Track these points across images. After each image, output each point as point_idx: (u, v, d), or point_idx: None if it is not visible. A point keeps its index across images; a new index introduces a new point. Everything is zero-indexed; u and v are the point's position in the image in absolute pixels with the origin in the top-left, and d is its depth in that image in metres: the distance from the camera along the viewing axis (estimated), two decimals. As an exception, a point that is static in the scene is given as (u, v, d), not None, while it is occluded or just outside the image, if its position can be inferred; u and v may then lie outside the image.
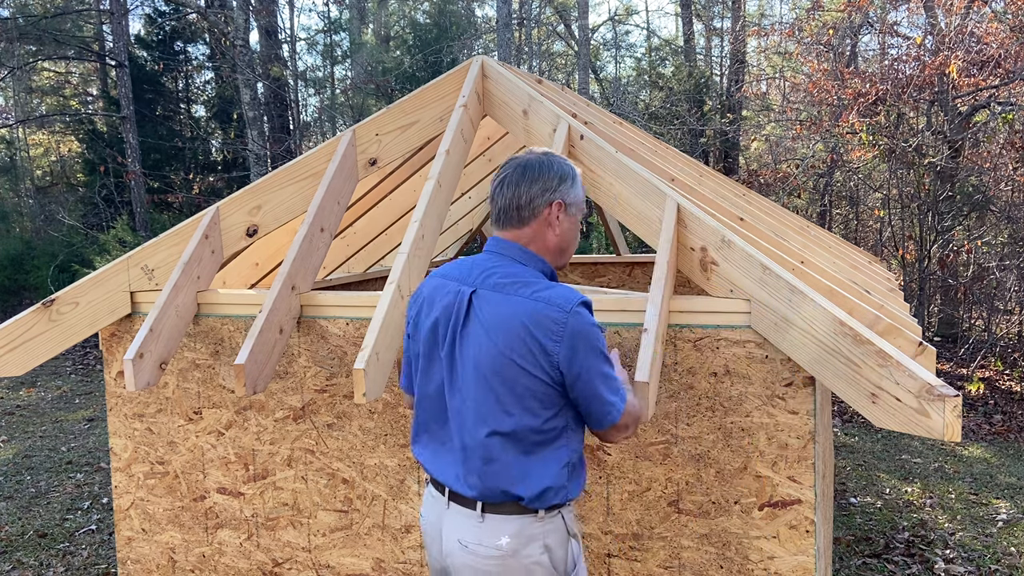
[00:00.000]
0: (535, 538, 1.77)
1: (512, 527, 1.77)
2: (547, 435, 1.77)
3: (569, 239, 1.91)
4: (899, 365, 1.96)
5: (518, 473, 1.76)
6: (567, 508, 1.84)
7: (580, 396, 1.76)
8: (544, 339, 1.72)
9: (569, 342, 1.72)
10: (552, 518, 1.80)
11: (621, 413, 1.77)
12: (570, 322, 1.72)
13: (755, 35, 12.24)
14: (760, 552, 2.35)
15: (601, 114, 4.21)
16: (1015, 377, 8.13)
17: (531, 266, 1.85)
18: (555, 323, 1.72)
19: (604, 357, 1.77)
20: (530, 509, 1.77)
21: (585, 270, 5.86)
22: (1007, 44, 8.12)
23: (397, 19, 17.16)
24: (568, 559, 1.82)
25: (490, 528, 1.78)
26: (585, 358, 1.73)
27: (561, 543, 1.81)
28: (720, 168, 13.48)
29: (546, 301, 1.74)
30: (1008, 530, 4.57)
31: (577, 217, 1.91)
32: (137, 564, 3.19)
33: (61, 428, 7.10)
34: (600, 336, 1.77)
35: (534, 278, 1.81)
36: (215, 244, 3.05)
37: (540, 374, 1.73)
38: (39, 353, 3.04)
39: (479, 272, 1.84)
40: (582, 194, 1.92)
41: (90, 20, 14.97)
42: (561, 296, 1.75)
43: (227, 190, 13.59)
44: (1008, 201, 8.99)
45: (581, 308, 1.75)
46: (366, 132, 3.14)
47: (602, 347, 1.76)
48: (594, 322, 1.77)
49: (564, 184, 1.87)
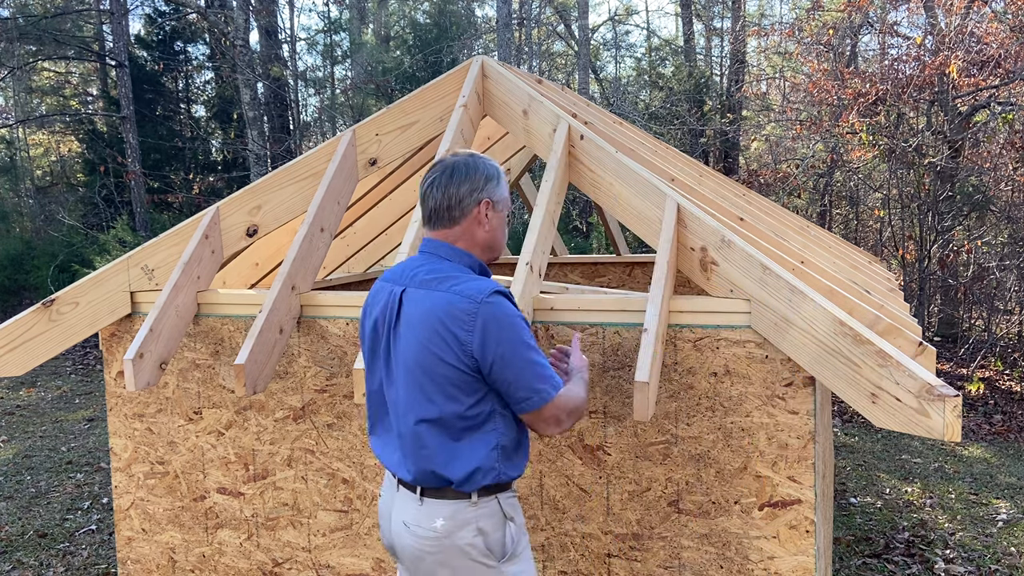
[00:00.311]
0: (468, 522, 1.86)
1: (447, 510, 1.87)
2: (473, 420, 1.85)
3: (498, 235, 2.01)
4: (899, 365, 1.96)
5: (447, 457, 1.86)
6: (505, 494, 1.91)
7: (498, 382, 1.83)
8: (457, 329, 1.81)
9: (481, 331, 1.79)
10: (487, 502, 1.88)
11: (546, 402, 1.82)
12: (481, 311, 1.80)
13: (755, 35, 12.24)
14: (760, 552, 2.35)
15: (601, 114, 4.21)
16: (1015, 377, 8.13)
17: (457, 262, 1.94)
18: (466, 313, 1.81)
19: (524, 345, 1.82)
20: (464, 494, 1.86)
21: (585, 270, 5.86)
22: (1007, 44, 8.12)
23: (397, 19, 17.16)
24: (505, 542, 1.89)
25: (427, 511, 1.88)
26: (498, 346, 1.79)
27: (496, 527, 1.88)
28: (720, 168, 13.48)
29: (459, 293, 1.83)
30: (1008, 530, 4.57)
31: (504, 214, 2.02)
32: (137, 564, 3.19)
33: (61, 428, 7.10)
34: (518, 324, 1.82)
35: (457, 272, 1.90)
36: (215, 244, 3.05)
37: (457, 363, 1.82)
38: (39, 353, 3.04)
39: (410, 272, 1.96)
40: (507, 192, 2.02)
41: (90, 20, 14.97)
42: (474, 288, 1.83)
43: (227, 190, 13.59)
44: (1008, 201, 8.99)
45: (493, 298, 1.82)
46: (366, 132, 3.14)
47: (521, 335, 1.81)
48: (511, 311, 1.82)
49: (490, 184, 1.97)
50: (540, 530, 2.60)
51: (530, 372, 1.81)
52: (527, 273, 2.47)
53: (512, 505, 1.93)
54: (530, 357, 1.82)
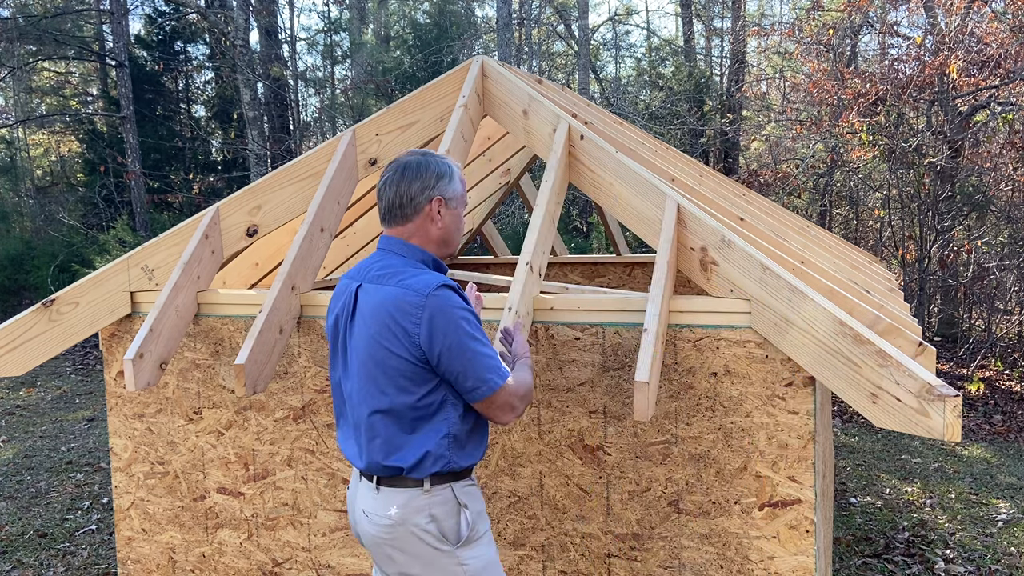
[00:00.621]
0: (422, 509, 1.92)
1: (401, 498, 1.93)
2: (425, 410, 1.91)
3: (451, 231, 2.04)
4: (899, 365, 1.96)
5: (399, 446, 1.93)
6: (461, 482, 1.97)
7: (447, 373, 1.88)
8: (405, 322, 1.87)
9: (428, 323, 1.85)
10: (440, 490, 1.93)
11: (494, 390, 1.88)
12: (428, 304, 1.85)
13: (755, 35, 12.24)
14: (760, 552, 2.35)
15: (601, 114, 4.21)
16: (1015, 377, 8.13)
17: (410, 257, 2.00)
18: (414, 306, 1.86)
19: (470, 336, 1.87)
20: (417, 481, 1.92)
21: (585, 270, 5.86)
22: (1007, 44, 8.12)
23: (397, 19, 17.16)
24: (460, 528, 1.95)
25: (383, 499, 1.95)
26: (445, 337, 1.85)
27: (450, 513, 1.94)
28: (720, 168, 13.48)
29: (408, 287, 1.89)
30: (1008, 530, 4.57)
31: (459, 210, 2.05)
32: (137, 564, 3.19)
33: (61, 428, 7.10)
34: (464, 316, 1.87)
35: (409, 267, 1.96)
36: (215, 244, 3.05)
37: (405, 355, 1.87)
38: (39, 353, 3.04)
39: (366, 268, 2.03)
40: (460, 188, 2.04)
41: (90, 20, 14.97)
42: (422, 281, 1.89)
43: (227, 190, 13.59)
44: (1008, 201, 8.99)
45: (440, 291, 1.87)
46: (366, 132, 3.14)
47: (466, 327, 1.87)
48: (457, 304, 1.88)
49: (442, 181, 2.01)
50: (540, 530, 2.60)
51: (477, 363, 1.86)
52: (527, 273, 2.47)
53: (468, 493, 1.99)
54: (476, 348, 1.87)
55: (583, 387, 2.51)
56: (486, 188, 5.52)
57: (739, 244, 2.31)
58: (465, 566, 1.94)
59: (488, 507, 2.65)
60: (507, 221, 12.34)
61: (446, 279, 1.91)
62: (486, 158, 4.88)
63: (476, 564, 1.95)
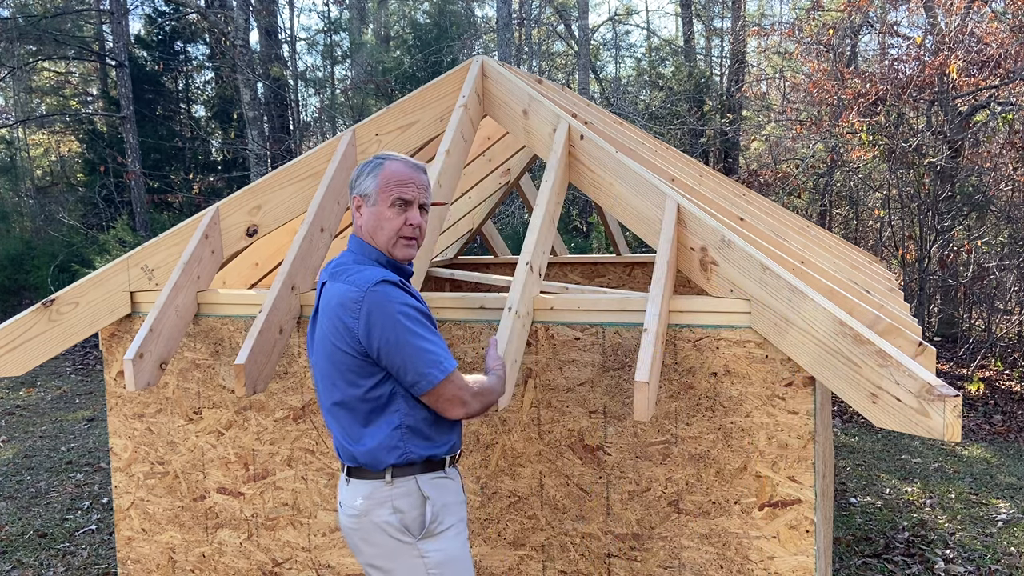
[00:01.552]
0: (385, 501, 1.96)
1: (365, 490, 1.98)
2: (375, 403, 1.95)
3: (371, 227, 2.04)
4: (899, 365, 1.96)
5: (355, 438, 1.98)
6: (427, 475, 1.99)
7: (389, 367, 1.91)
8: (346, 317, 1.91)
9: (366, 318, 1.88)
10: (403, 482, 1.97)
11: (434, 384, 1.89)
12: (367, 299, 1.89)
13: (755, 35, 12.24)
14: (760, 552, 2.35)
15: (601, 114, 4.21)
16: (1015, 377, 8.13)
17: (360, 254, 2.05)
18: (354, 301, 1.90)
19: (409, 331, 1.88)
20: (379, 474, 1.96)
21: (585, 270, 5.86)
22: (1007, 44, 8.12)
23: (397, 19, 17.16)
24: (424, 520, 1.97)
25: (352, 490, 2.01)
26: (383, 332, 1.88)
27: (414, 506, 1.96)
28: (720, 168, 13.48)
29: (351, 282, 1.93)
30: (1008, 530, 4.57)
31: (379, 207, 2.02)
32: (137, 564, 3.19)
33: (61, 428, 7.10)
34: (403, 311, 1.89)
35: (357, 264, 2.00)
36: (215, 244, 3.05)
37: (348, 349, 1.92)
38: (39, 353, 3.04)
39: (333, 264, 2.08)
40: (373, 184, 2.03)
41: (90, 20, 14.96)
42: (364, 277, 1.92)
43: (227, 190, 13.59)
44: (1008, 201, 8.99)
45: (379, 286, 1.90)
46: (366, 132, 3.14)
47: (406, 321, 1.88)
48: (397, 299, 1.90)
49: (359, 179, 2.06)
50: (540, 530, 2.60)
51: (416, 357, 1.88)
52: (527, 273, 2.47)
53: (437, 485, 2.00)
54: (414, 343, 1.88)
55: (583, 387, 2.51)
56: (486, 188, 5.52)
57: (739, 244, 2.31)
58: (425, 559, 1.96)
59: (488, 507, 2.65)
60: (507, 221, 12.34)
61: (388, 275, 1.93)
62: (486, 158, 4.88)
63: (437, 557, 1.97)
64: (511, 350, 2.30)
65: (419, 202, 2.05)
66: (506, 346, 2.26)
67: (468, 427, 2.65)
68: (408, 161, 2.07)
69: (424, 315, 1.95)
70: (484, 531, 2.66)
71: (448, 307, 2.64)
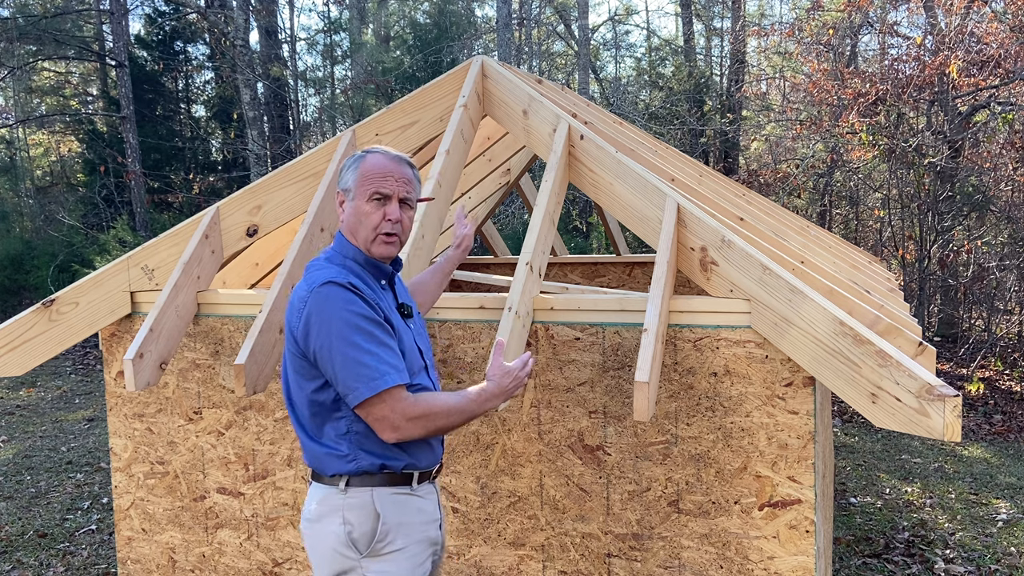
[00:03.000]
0: (336, 509, 1.84)
1: (320, 494, 1.88)
2: (321, 406, 1.85)
3: (353, 223, 1.92)
4: (899, 365, 1.96)
5: (304, 441, 1.90)
6: (386, 489, 1.85)
7: (324, 373, 1.81)
8: (292, 316, 1.84)
9: (305, 320, 1.80)
10: (358, 493, 1.84)
11: (359, 401, 1.75)
12: (310, 300, 1.80)
13: (755, 35, 12.24)
14: (760, 552, 2.35)
15: (601, 114, 4.21)
16: (1015, 377, 8.13)
17: (338, 252, 1.94)
18: (300, 301, 1.83)
19: (345, 340, 1.76)
20: (332, 480, 1.86)
21: (585, 270, 5.86)
22: (1007, 44, 8.12)
23: (397, 19, 17.16)
24: (374, 538, 1.83)
25: (311, 493, 1.92)
26: (318, 337, 1.78)
27: (364, 520, 1.83)
28: (720, 168, 13.48)
29: (306, 280, 1.86)
30: (1008, 530, 4.57)
31: (358, 201, 1.91)
32: (137, 564, 3.19)
33: (61, 428, 7.10)
34: (344, 316, 1.76)
35: (327, 263, 1.90)
36: (215, 244, 3.05)
37: (294, 349, 1.85)
38: (39, 353, 3.04)
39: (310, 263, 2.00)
40: (353, 179, 1.92)
41: (90, 20, 14.97)
42: (315, 277, 1.83)
43: (227, 190, 13.59)
44: (1008, 201, 8.99)
45: (324, 288, 1.79)
46: (366, 132, 3.14)
47: (344, 328, 1.76)
48: (340, 303, 1.77)
49: (343, 174, 1.95)
50: (540, 530, 2.60)
51: (347, 368, 1.75)
52: (527, 273, 2.47)
53: (395, 502, 1.87)
54: (348, 353, 1.75)
55: (583, 387, 2.51)
56: (486, 188, 5.52)
57: (739, 244, 2.31)
58: None
59: (488, 507, 2.65)
60: (507, 221, 12.34)
61: (338, 276, 1.81)
62: (486, 158, 4.88)
63: None
64: (511, 350, 2.29)
65: (400, 197, 1.91)
66: (506, 346, 2.26)
67: (468, 427, 2.65)
68: (390, 153, 1.94)
69: (372, 322, 1.79)
70: (484, 531, 2.66)
71: (448, 307, 2.64)
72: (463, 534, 2.69)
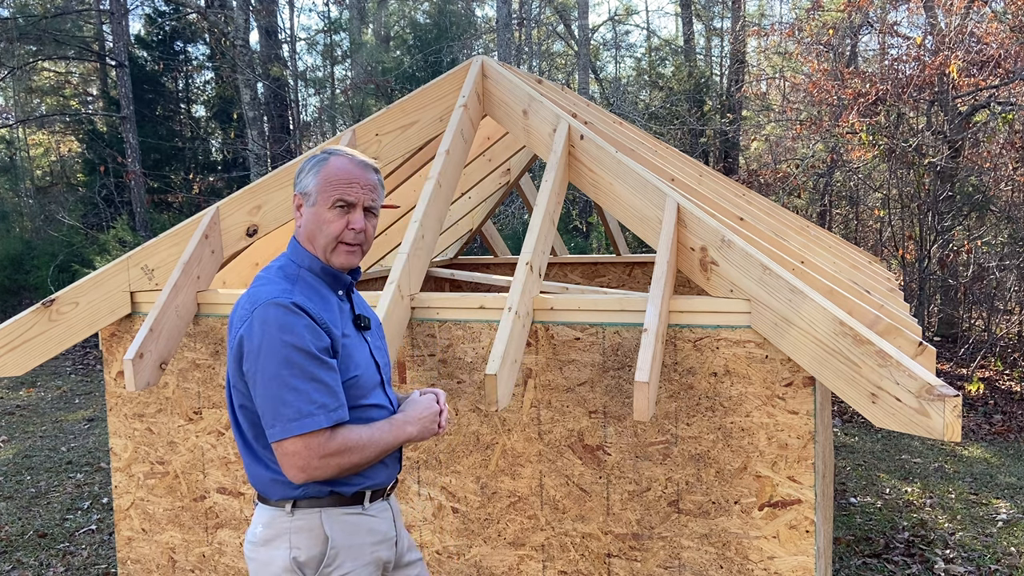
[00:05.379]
0: (283, 533, 1.75)
1: (266, 516, 1.78)
2: (259, 428, 1.75)
3: (311, 229, 1.80)
4: (899, 365, 1.96)
5: (248, 463, 1.79)
6: (338, 509, 1.77)
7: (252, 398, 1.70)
8: (232, 332, 1.73)
9: (240, 340, 1.70)
10: (305, 515, 1.75)
11: (274, 440, 1.64)
12: (249, 320, 1.68)
13: (755, 35, 12.24)
14: (760, 552, 2.35)
15: (601, 114, 4.21)
16: (1015, 377, 8.13)
17: (292, 260, 1.83)
18: (240, 320, 1.72)
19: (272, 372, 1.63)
20: (278, 502, 1.76)
21: (585, 270, 5.86)
22: (1007, 44, 8.12)
23: (397, 19, 17.17)
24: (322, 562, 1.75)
25: (256, 514, 1.82)
26: (248, 360, 1.67)
27: (313, 544, 1.74)
28: (720, 168, 13.49)
29: (250, 295, 1.73)
30: (1008, 530, 4.57)
31: (319, 207, 1.79)
32: (137, 564, 3.19)
33: (61, 428, 7.10)
34: (276, 349, 1.63)
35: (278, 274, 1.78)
36: (215, 244, 3.05)
37: (235, 363, 1.73)
38: (39, 353, 3.04)
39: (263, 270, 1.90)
40: (313, 182, 1.80)
41: (90, 20, 14.97)
42: (259, 293, 1.71)
43: (227, 190, 13.60)
44: (1008, 201, 8.99)
45: (264, 308, 1.67)
46: (366, 132, 3.14)
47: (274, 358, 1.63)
48: (280, 329, 1.65)
49: (300, 176, 1.83)
50: (540, 530, 2.60)
51: (268, 404, 1.64)
52: (527, 273, 2.47)
53: (345, 523, 1.78)
54: (271, 388, 1.63)
55: (583, 387, 2.51)
56: (486, 188, 5.52)
57: (739, 244, 2.31)
58: None
59: (488, 507, 2.65)
60: (507, 221, 12.34)
61: (279, 295, 1.68)
62: (486, 158, 4.88)
63: None
64: (511, 350, 2.30)
65: (364, 204, 1.80)
66: (506, 346, 2.26)
67: (468, 427, 2.65)
68: (355, 158, 1.81)
69: (306, 355, 1.65)
70: (484, 531, 2.66)
71: (448, 307, 2.64)
72: (463, 534, 2.69)
